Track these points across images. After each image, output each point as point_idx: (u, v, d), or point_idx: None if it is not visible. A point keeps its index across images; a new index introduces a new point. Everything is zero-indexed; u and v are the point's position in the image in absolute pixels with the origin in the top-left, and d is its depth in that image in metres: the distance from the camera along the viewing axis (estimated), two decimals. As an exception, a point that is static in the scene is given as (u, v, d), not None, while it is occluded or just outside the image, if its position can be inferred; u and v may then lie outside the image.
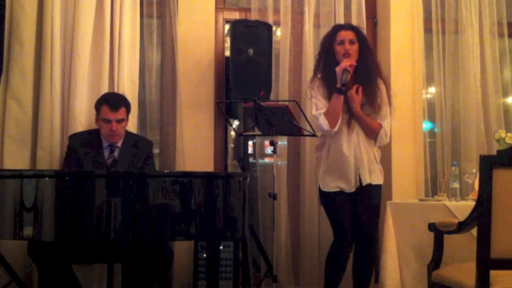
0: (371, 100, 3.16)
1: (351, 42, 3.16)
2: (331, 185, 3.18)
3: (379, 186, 3.23)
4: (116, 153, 3.31)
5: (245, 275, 3.33)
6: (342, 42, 3.16)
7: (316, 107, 3.18)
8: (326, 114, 3.11)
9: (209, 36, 3.97)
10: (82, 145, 3.27)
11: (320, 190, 3.22)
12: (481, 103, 4.16)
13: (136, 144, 3.37)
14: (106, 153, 3.30)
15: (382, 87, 3.22)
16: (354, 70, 3.12)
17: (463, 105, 4.20)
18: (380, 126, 3.19)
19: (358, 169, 3.15)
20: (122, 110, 3.26)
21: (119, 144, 3.32)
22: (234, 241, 3.35)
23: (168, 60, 3.84)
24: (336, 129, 3.11)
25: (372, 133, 3.19)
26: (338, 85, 3.06)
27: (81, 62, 3.55)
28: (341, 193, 3.16)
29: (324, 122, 3.10)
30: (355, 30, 3.23)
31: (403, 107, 4.06)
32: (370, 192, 3.18)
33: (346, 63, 3.07)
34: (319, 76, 3.24)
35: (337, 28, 3.26)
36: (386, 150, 4.05)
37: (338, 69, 3.08)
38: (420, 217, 3.27)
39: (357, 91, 3.13)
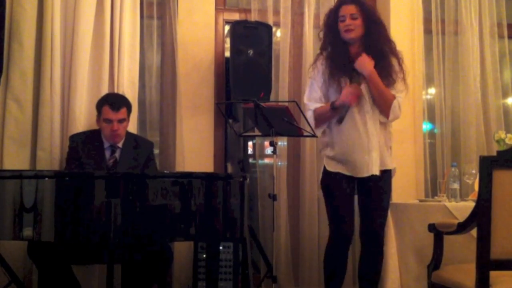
0: (385, 73, 3.00)
1: (353, 17, 3.00)
2: (337, 167, 3.04)
3: (389, 171, 3.08)
4: (117, 154, 3.31)
5: (244, 276, 3.34)
6: (343, 18, 3.02)
7: (309, 95, 3.10)
8: (315, 114, 3.05)
9: (209, 37, 3.97)
10: (83, 146, 3.27)
11: (325, 170, 3.07)
12: (481, 104, 4.16)
13: (137, 145, 3.37)
14: (107, 153, 3.30)
15: (394, 62, 3.05)
16: (363, 44, 3.02)
17: (463, 106, 4.19)
18: (394, 96, 3.02)
19: (365, 156, 2.98)
20: (124, 110, 3.26)
21: (120, 145, 3.32)
22: (234, 242, 3.34)
23: (168, 61, 3.84)
24: (320, 130, 3.07)
25: (385, 102, 3.00)
26: (336, 109, 2.96)
27: (81, 62, 3.55)
28: (346, 176, 3.03)
29: (311, 120, 3.05)
30: (358, 3, 3.03)
31: (403, 107, 4.04)
32: (380, 178, 3.02)
33: (348, 98, 2.95)
34: (324, 54, 3.10)
35: (339, 3, 3.10)
36: (386, 151, 4.04)
37: (338, 103, 2.96)
38: (420, 217, 3.27)
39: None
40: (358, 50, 3.04)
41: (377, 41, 3.02)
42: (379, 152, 3.02)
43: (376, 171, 3.00)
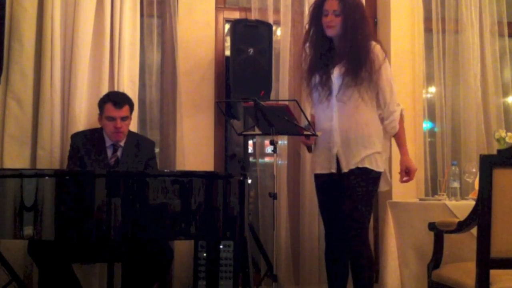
0: (354, 72, 2.93)
1: (335, 13, 2.95)
2: (315, 166, 3.10)
3: (367, 170, 2.95)
4: (119, 153, 3.31)
5: (245, 275, 3.33)
6: (326, 13, 2.98)
7: (306, 97, 3.23)
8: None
9: (209, 36, 3.97)
10: (85, 144, 3.27)
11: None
12: (481, 102, 4.16)
13: (139, 144, 3.37)
14: (109, 152, 3.30)
15: (370, 61, 2.95)
16: (337, 44, 3.01)
17: (463, 105, 4.19)
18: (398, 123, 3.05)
19: (337, 150, 2.98)
20: (126, 108, 3.27)
21: (122, 144, 3.32)
22: (234, 241, 3.34)
23: (168, 59, 3.84)
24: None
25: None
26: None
27: (81, 61, 3.55)
28: (324, 175, 3.03)
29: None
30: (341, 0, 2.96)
31: (403, 106, 4.05)
32: (354, 175, 2.93)
33: (302, 140, 3.12)
34: (306, 50, 3.11)
35: None
36: (386, 150, 4.05)
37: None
38: (420, 216, 3.27)
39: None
40: (339, 45, 3.01)
41: (350, 45, 2.96)
42: (342, 149, 2.97)
43: (334, 168, 2.98)
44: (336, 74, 3.00)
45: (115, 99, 3.25)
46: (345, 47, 2.97)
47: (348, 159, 2.97)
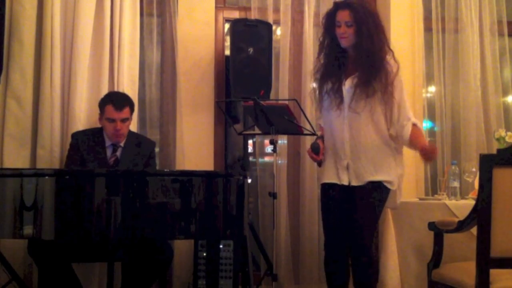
0: (367, 82, 2.88)
1: (347, 24, 2.91)
2: (322, 176, 3.04)
3: (379, 184, 2.90)
4: (118, 153, 3.31)
5: (245, 274, 3.34)
6: (339, 24, 2.95)
7: (316, 107, 3.12)
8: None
9: (209, 35, 3.97)
10: (85, 144, 3.27)
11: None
12: (481, 102, 4.16)
13: (139, 144, 3.37)
14: (108, 152, 3.30)
15: (385, 72, 2.90)
16: (351, 54, 2.97)
17: (463, 104, 4.19)
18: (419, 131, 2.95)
19: (337, 164, 2.94)
20: (127, 110, 3.26)
21: (122, 144, 3.32)
22: (234, 240, 3.35)
23: (168, 59, 3.84)
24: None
25: None
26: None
27: (81, 61, 3.55)
28: (333, 186, 2.96)
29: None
30: (352, 9, 2.92)
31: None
32: (365, 189, 2.88)
33: (312, 155, 3.04)
34: (320, 61, 3.06)
35: (335, 8, 3.00)
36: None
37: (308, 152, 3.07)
38: (420, 216, 3.27)
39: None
40: (353, 55, 2.97)
41: (364, 53, 2.91)
42: (353, 162, 2.91)
43: (345, 181, 2.92)
44: (347, 86, 2.94)
45: (116, 101, 3.24)
46: (359, 57, 2.94)
47: (359, 174, 2.91)
